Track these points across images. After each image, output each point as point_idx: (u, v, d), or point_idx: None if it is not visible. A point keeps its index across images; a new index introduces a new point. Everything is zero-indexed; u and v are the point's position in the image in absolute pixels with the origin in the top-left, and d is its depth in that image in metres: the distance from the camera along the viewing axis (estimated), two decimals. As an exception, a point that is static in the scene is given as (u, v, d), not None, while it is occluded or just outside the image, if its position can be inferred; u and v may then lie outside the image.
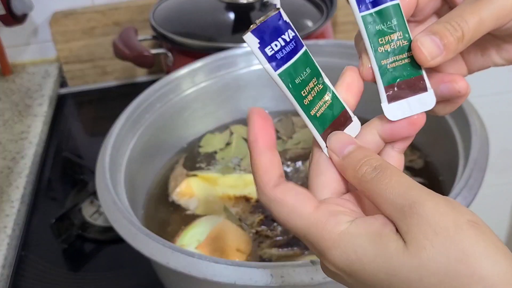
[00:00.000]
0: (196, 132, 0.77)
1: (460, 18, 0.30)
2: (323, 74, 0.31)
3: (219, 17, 0.91)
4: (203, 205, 0.66)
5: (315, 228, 0.28)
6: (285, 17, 0.29)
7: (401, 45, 0.32)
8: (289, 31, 0.29)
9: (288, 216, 0.29)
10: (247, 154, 0.73)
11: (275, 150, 0.30)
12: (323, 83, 0.31)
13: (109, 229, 0.76)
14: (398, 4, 0.31)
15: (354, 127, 0.32)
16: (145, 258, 0.49)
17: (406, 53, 0.32)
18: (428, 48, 0.30)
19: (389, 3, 0.31)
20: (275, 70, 0.29)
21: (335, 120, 0.31)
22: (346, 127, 0.32)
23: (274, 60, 0.29)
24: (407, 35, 0.32)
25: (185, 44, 0.86)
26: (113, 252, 0.75)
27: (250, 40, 0.29)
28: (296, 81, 0.30)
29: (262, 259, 0.58)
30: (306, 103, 0.30)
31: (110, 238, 0.76)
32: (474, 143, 0.54)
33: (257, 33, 0.29)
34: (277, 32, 0.29)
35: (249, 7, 0.91)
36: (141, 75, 1.16)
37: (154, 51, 0.87)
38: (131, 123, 0.66)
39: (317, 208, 0.29)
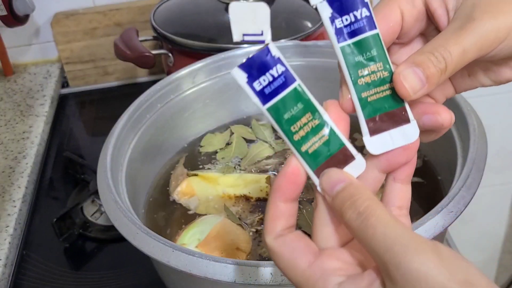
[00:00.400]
0: (197, 132, 0.77)
1: (443, 49, 0.29)
2: (320, 109, 0.30)
3: (220, 18, 0.91)
4: (204, 204, 0.66)
5: (307, 285, 0.28)
6: (275, 52, 0.29)
7: (382, 77, 0.30)
8: (278, 65, 0.29)
9: (284, 268, 0.29)
10: (247, 153, 0.73)
11: (293, 202, 0.30)
12: (320, 118, 0.30)
13: (110, 228, 0.77)
14: (378, 34, 0.30)
15: (357, 165, 0.30)
16: (146, 257, 0.50)
17: (387, 85, 0.31)
18: (411, 82, 0.29)
19: (368, 33, 0.30)
20: (263, 105, 0.29)
21: (332, 157, 0.30)
22: (346, 165, 0.30)
23: (262, 94, 0.29)
24: (387, 66, 0.31)
25: (185, 45, 0.86)
26: (114, 251, 0.75)
27: (238, 74, 0.29)
28: (285, 116, 0.29)
29: (262, 257, 0.58)
30: (296, 139, 0.30)
31: (111, 237, 0.76)
32: (473, 142, 0.55)
33: (245, 68, 0.29)
34: (265, 67, 0.29)
35: (249, 8, 0.92)
36: (142, 75, 1.16)
37: (155, 51, 0.87)
38: (132, 123, 0.66)
39: (311, 265, 0.28)
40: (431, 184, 0.65)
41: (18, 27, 1.02)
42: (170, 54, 0.90)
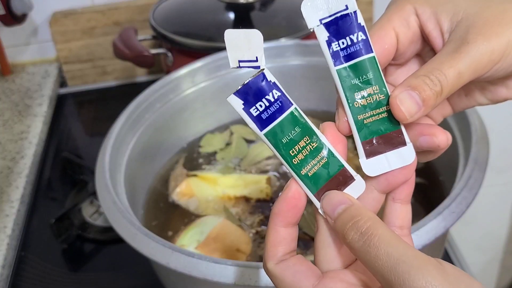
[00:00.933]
0: (196, 132, 0.77)
1: (438, 72, 0.30)
2: (318, 132, 0.30)
3: (219, 17, 0.91)
4: (203, 205, 0.66)
5: None
6: (270, 77, 0.29)
7: (378, 99, 0.31)
8: (274, 91, 0.29)
9: None
10: (247, 154, 0.73)
11: (294, 226, 0.30)
12: (318, 141, 0.30)
13: (109, 229, 0.76)
14: (374, 57, 0.31)
15: (356, 186, 0.31)
16: (145, 258, 0.49)
17: (383, 107, 0.31)
18: (407, 106, 0.29)
19: (364, 57, 0.30)
20: (261, 130, 0.29)
21: (332, 179, 0.30)
22: (347, 187, 0.30)
23: (260, 120, 0.29)
24: (384, 89, 0.31)
25: (185, 44, 0.86)
26: (113, 252, 0.75)
27: (234, 101, 0.29)
28: (283, 140, 0.29)
29: (262, 259, 0.58)
30: (295, 162, 0.30)
31: (110, 238, 0.76)
32: (474, 143, 0.54)
33: (240, 94, 0.29)
34: (261, 93, 0.29)
35: (248, 7, 0.91)
36: (141, 75, 1.16)
37: (154, 51, 0.87)
38: (131, 123, 0.66)
39: None
40: (433, 185, 0.65)
41: (16, 26, 1.01)
42: (169, 54, 0.90)
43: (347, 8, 0.30)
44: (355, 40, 0.30)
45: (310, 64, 0.74)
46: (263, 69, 0.29)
